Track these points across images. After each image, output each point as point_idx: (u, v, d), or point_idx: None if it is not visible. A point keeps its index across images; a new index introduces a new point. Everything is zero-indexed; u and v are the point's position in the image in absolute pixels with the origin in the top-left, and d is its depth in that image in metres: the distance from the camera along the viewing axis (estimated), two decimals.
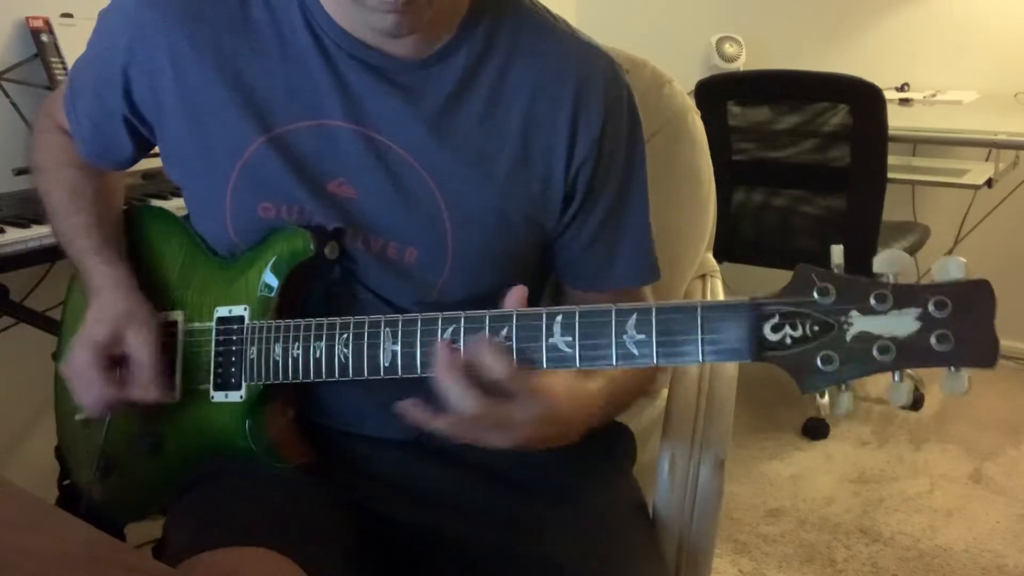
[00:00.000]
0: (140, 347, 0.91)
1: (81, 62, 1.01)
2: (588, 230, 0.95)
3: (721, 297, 1.27)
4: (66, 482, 1.10)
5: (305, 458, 0.95)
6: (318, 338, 0.86)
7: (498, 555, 0.92)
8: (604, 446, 1.08)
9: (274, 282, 0.90)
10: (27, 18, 1.88)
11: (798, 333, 0.69)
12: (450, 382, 0.76)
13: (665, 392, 1.18)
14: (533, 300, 1.01)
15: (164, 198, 1.74)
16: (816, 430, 2.59)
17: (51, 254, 1.57)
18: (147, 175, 1.78)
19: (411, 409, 0.79)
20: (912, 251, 2.57)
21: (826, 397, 2.61)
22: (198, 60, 0.90)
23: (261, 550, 0.82)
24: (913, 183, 2.88)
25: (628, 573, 0.93)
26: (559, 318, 0.76)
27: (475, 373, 0.76)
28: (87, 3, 1.94)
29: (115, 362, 0.93)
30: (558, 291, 1.04)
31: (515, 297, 0.79)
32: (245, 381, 0.91)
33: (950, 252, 3.00)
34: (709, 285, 1.28)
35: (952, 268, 0.66)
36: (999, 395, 2.73)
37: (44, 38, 1.88)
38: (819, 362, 0.68)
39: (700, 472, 1.09)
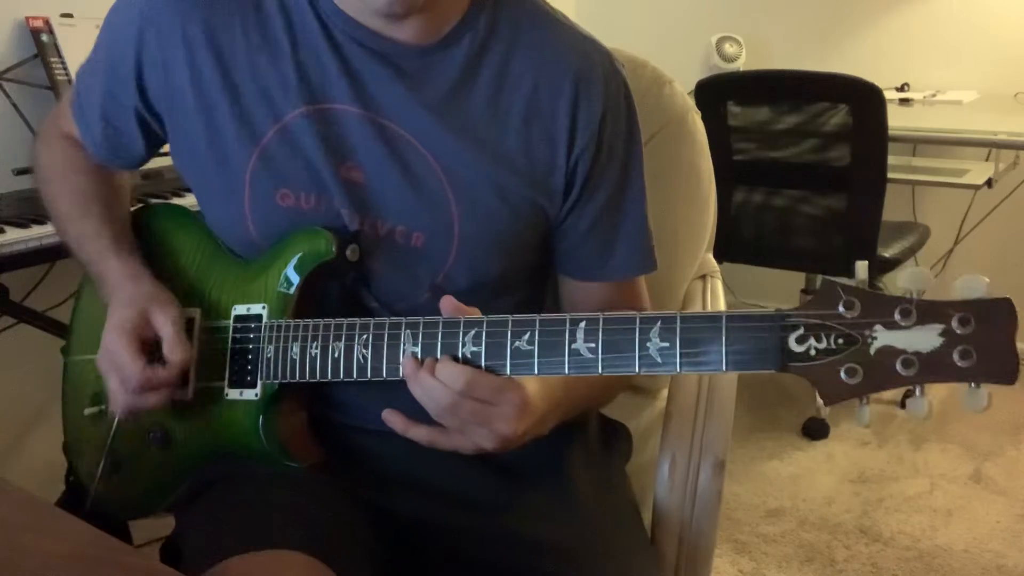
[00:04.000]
0: (167, 324, 0.91)
1: (88, 63, 1.02)
2: (587, 219, 0.96)
3: (721, 297, 1.27)
4: (72, 478, 1.09)
5: (316, 458, 0.95)
6: (337, 338, 0.86)
7: (502, 543, 0.94)
8: (602, 442, 1.10)
9: (296, 278, 0.91)
10: (27, 18, 1.88)
11: (823, 345, 0.70)
12: (425, 377, 0.80)
13: (665, 392, 1.18)
14: (536, 290, 1.02)
15: (164, 198, 1.74)
16: (816, 430, 2.59)
17: (51, 254, 1.57)
18: (147, 175, 1.79)
19: (392, 417, 0.84)
20: (912, 251, 2.58)
21: None
22: (211, 48, 0.90)
23: (290, 553, 0.82)
24: (913, 183, 2.88)
25: (625, 559, 0.95)
26: (583, 324, 0.77)
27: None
28: (87, 3, 1.94)
29: (146, 347, 0.92)
30: (556, 285, 1.04)
31: (446, 306, 0.81)
32: (261, 379, 0.91)
33: (950, 252, 3.00)
34: (709, 285, 1.28)
35: (975, 286, 0.67)
36: (999, 395, 2.72)
37: (44, 38, 1.88)
38: (843, 374, 0.69)
39: (700, 472, 1.09)
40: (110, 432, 1.00)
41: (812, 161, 2.45)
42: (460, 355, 0.81)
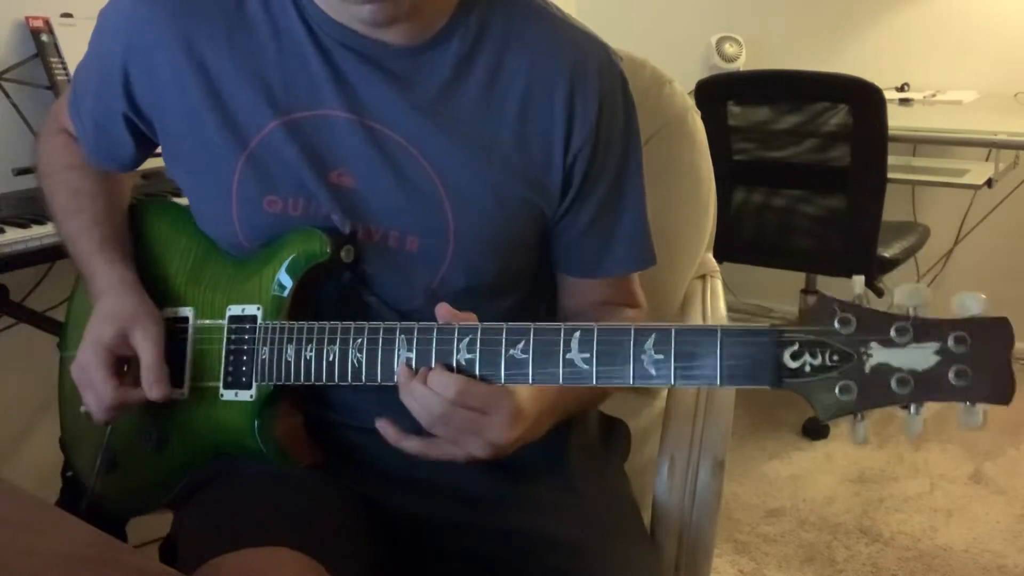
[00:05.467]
0: (147, 347, 0.91)
1: (83, 64, 1.02)
2: (586, 216, 0.95)
3: (721, 297, 1.27)
4: (69, 473, 1.10)
5: (313, 459, 0.95)
6: (332, 342, 0.86)
7: (503, 539, 0.94)
8: (600, 438, 1.11)
9: (288, 282, 0.91)
10: (27, 18, 1.88)
11: (818, 362, 0.69)
12: (416, 386, 0.80)
13: (665, 392, 1.18)
14: (534, 291, 1.02)
15: (164, 198, 1.74)
16: (816, 430, 2.58)
17: (51, 254, 1.57)
18: (147, 175, 1.78)
19: (386, 427, 0.84)
20: (912, 251, 2.57)
21: None
22: (195, 56, 0.90)
23: (284, 550, 0.82)
24: (913, 183, 2.88)
25: (621, 553, 0.95)
26: (577, 334, 0.77)
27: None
28: (87, 3, 1.93)
29: (122, 363, 0.93)
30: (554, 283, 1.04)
31: (442, 312, 0.81)
32: (256, 381, 0.91)
33: (950, 252, 3.00)
34: (709, 285, 1.28)
35: (971, 304, 0.66)
36: None
37: (44, 38, 1.88)
38: (838, 391, 0.69)
39: (699, 472, 1.09)
40: (106, 430, 1.00)
41: (812, 161, 2.44)
42: (454, 362, 0.80)
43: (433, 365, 0.81)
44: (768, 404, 2.71)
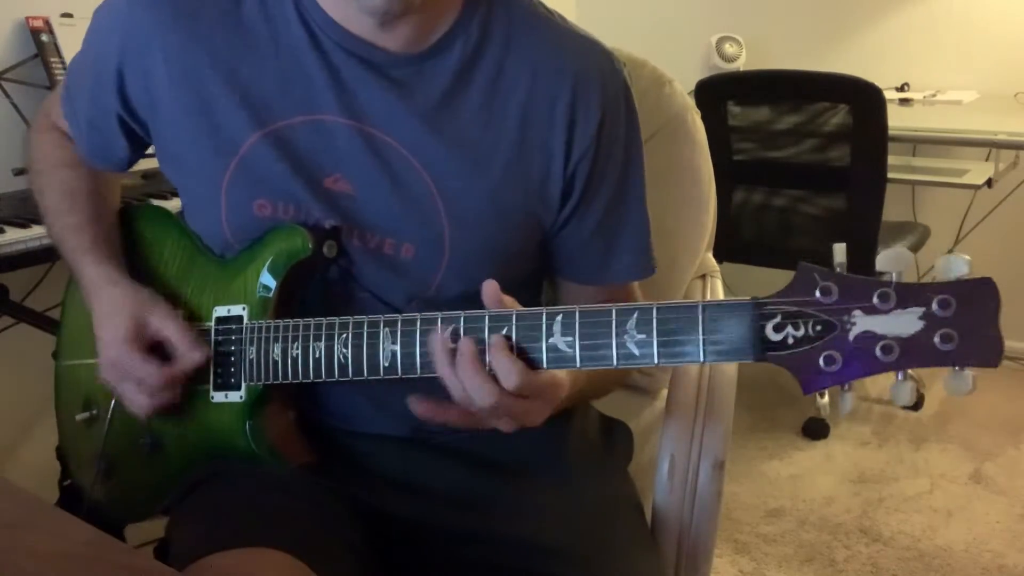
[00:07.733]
0: (167, 323, 0.91)
1: (77, 61, 1.01)
2: (587, 225, 0.95)
3: (721, 297, 1.27)
4: (67, 482, 1.09)
5: (306, 458, 0.95)
6: (317, 338, 0.86)
7: (499, 544, 0.93)
8: (603, 442, 1.10)
9: (272, 282, 0.90)
10: (27, 18, 1.89)
11: (800, 333, 0.68)
12: (469, 376, 0.76)
13: (665, 392, 1.18)
14: (531, 296, 1.02)
15: (164, 198, 1.74)
16: (816, 430, 2.58)
17: (51, 254, 1.55)
18: (147, 175, 1.78)
19: (421, 405, 0.81)
20: (912, 251, 2.57)
21: (826, 397, 2.61)
22: (191, 58, 0.90)
23: (270, 551, 0.82)
24: (913, 183, 2.88)
25: (625, 561, 0.94)
26: (559, 318, 0.76)
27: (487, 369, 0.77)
28: (87, 3, 1.93)
29: (148, 350, 0.92)
30: (552, 284, 1.04)
31: (489, 292, 0.78)
32: (245, 381, 0.90)
33: (950, 252, 3.00)
34: (709, 285, 1.29)
35: (956, 266, 0.65)
36: (999, 395, 2.73)
37: (44, 38, 1.89)
38: (822, 362, 0.68)
39: (700, 472, 1.09)
40: (102, 437, 1.00)
41: (812, 161, 2.44)
42: None
43: (471, 348, 0.77)
44: (768, 404, 2.71)
